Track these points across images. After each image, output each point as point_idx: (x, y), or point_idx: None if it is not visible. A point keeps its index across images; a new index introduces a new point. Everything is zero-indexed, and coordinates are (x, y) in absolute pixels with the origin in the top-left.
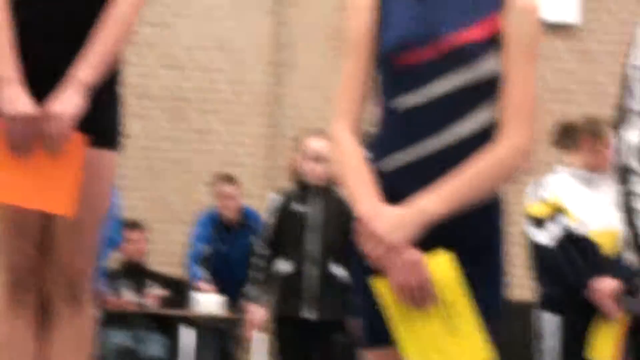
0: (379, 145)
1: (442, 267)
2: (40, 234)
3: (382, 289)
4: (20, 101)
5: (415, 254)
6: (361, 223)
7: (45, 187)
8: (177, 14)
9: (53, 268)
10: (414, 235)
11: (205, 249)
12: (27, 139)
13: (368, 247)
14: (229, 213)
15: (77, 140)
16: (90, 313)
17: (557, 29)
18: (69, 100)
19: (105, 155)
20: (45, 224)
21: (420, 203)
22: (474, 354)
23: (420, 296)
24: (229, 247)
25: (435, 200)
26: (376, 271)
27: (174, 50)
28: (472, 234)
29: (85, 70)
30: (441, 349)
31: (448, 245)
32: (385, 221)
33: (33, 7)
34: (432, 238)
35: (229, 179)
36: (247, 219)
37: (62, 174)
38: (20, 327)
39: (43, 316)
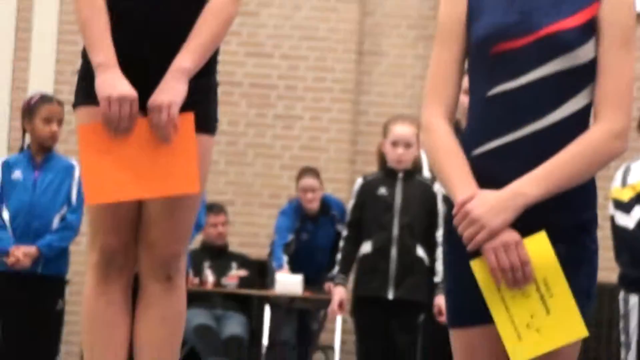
0: (471, 132)
1: (539, 247)
2: (135, 214)
3: (480, 271)
4: (120, 84)
5: (513, 235)
6: (460, 208)
7: (168, 171)
8: (263, 3)
9: (147, 249)
10: (513, 219)
11: (289, 237)
12: (127, 122)
13: (468, 232)
14: (312, 205)
15: (187, 119)
16: (183, 292)
17: None
18: (172, 89)
19: (203, 140)
20: (140, 204)
21: (518, 186)
22: (571, 333)
23: (518, 276)
24: (311, 236)
25: (533, 184)
26: (472, 253)
27: (259, 39)
28: (569, 216)
29: (187, 59)
30: (538, 328)
31: (545, 226)
32: (485, 206)
33: (132, 7)
34: (528, 219)
35: (312, 172)
36: (329, 207)
37: (181, 153)
38: (112, 305)
39: (135, 295)
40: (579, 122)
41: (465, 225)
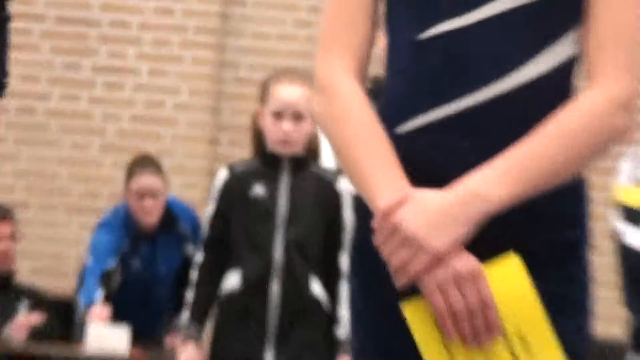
0: (395, 98)
1: (508, 279)
2: None
3: (416, 318)
4: None
5: (470, 261)
6: (384, 219)
7: None
8: None
9: None
10: (467, 235)
11: (110, 263)
12: None
13: (399, 257)
14: (149, 218)
15: None
16: None
17: None
18: None
19: None
20: None
21: (473, 185)
22: None
23: (478, 326)
24: (147, 264)
25: (497, 181)
26: (404, 291)
27: None
28: (546, 231)
29: None
30: None
31: (511, 246)
32: (424, 216)
33: None
34: (484, 238)
35: (151, 165)
36: (174, 218)
37: None
38: None
39: None
40: (560, 85)
41: (394, 247)
